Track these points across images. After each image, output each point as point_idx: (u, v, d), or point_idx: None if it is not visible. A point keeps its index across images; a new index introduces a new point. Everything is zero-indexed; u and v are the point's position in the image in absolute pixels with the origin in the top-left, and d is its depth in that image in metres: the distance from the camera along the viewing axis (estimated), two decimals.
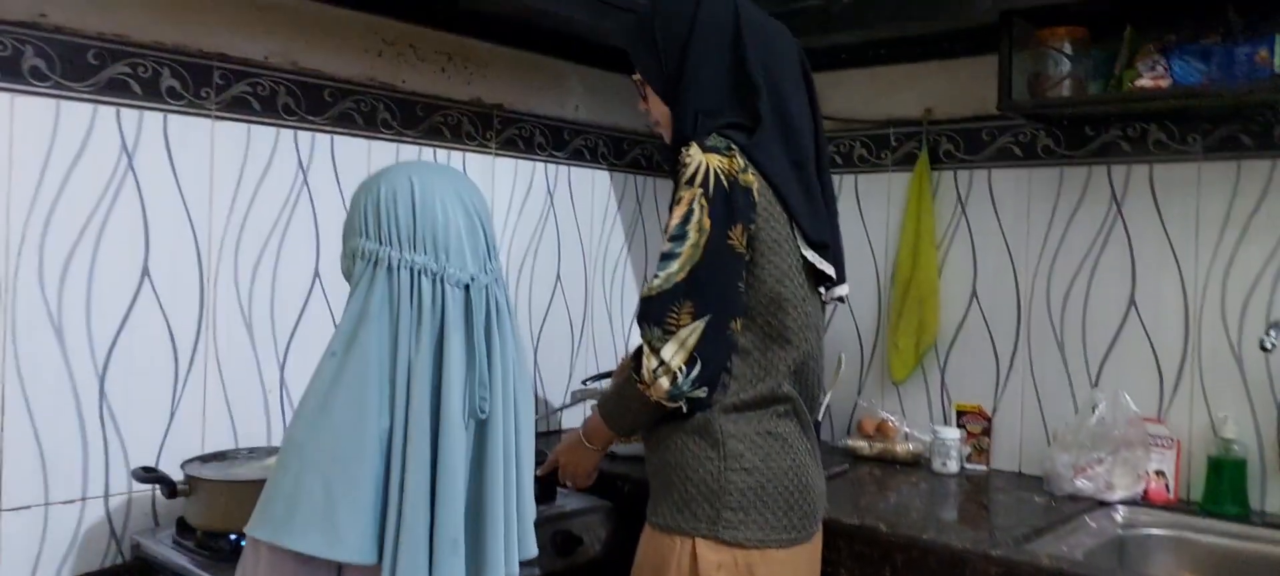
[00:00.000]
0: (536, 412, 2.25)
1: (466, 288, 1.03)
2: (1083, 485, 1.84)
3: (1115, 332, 1.98)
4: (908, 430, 2.18)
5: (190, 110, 1.65)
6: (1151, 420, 1.90)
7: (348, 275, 1.07)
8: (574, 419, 2.28)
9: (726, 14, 1.47)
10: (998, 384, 2.13)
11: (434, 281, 1.02)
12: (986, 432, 2.11)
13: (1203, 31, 1.80)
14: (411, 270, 1.01)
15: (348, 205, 1.14)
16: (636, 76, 1.55)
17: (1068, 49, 1.85)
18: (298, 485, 0.96)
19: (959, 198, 2.19)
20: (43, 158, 1.49)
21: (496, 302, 1.06)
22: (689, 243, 1.37)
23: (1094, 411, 1.88)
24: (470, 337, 1.02)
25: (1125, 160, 1.97)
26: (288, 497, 0.96)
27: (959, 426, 2.11)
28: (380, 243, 1.03)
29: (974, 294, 2.17)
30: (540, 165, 2.27)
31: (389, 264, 1.02)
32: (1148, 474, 1.86)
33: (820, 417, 2.16)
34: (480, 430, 1.03)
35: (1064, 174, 2.05)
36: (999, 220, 2.14)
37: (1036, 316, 2.08)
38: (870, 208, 2.34)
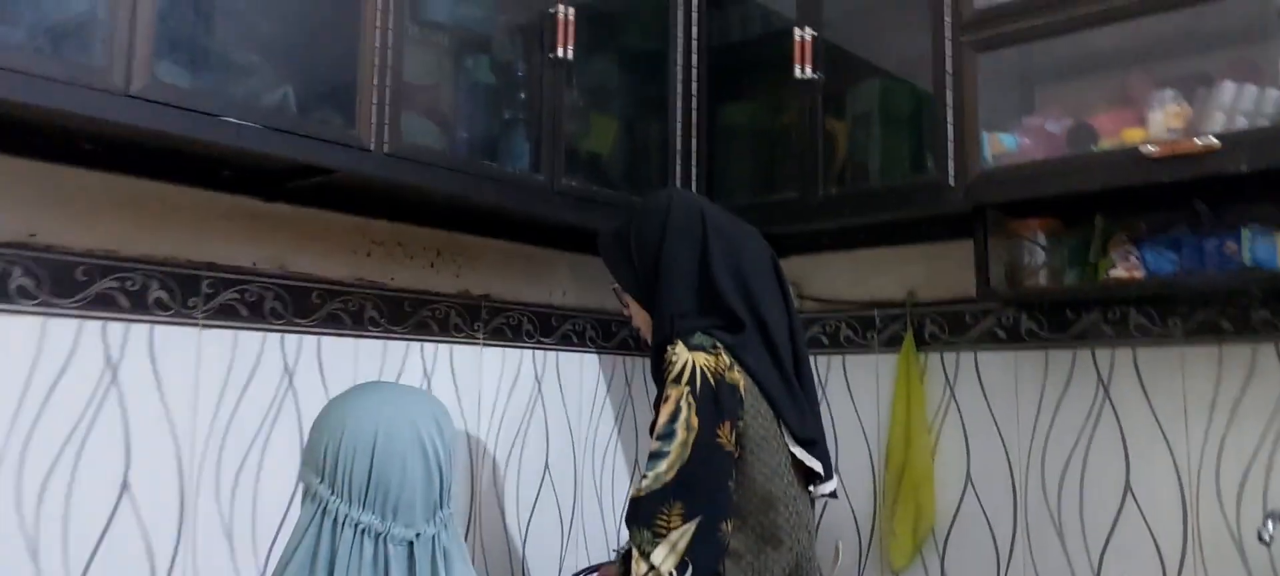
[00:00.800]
0: None
1: (411, 544, 1.04)
2: None
3: (1114, 519, 1.94)
4: None
5: (177, 320, 1.66)
6: None
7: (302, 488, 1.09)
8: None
9: (695, 222, 1.52)
10: (999, 573, 2.07)
11: (377, 542, 1.02)
12: None
13: (1171, 220, 1.84)
14: (356, 528, 1.02)
15: (315, 421, 1.15)
16: (615, 286, 1.58)
17: (1041, 239, 1.90)
18: None
19: (947, 380, 2.19)
20: (25, 377, 1.48)
21: (446, 551, 1.06)
22: (677, 441, 1.36)
23: None
24: None
25: (1109, 344, 1.99)
26: None
27: None
28: (333, 491, 1.04)
29: (968, 478, 2.14)
30: (528, 352, 2.27)
31: (336, 517, 1.02)
32: None
33: None
34: None
35: (1049, 357, 2.06)
36: (988, 403, 2.13)
37: (1032, 502, 2.05)
38: (859, 389, 2.33)
